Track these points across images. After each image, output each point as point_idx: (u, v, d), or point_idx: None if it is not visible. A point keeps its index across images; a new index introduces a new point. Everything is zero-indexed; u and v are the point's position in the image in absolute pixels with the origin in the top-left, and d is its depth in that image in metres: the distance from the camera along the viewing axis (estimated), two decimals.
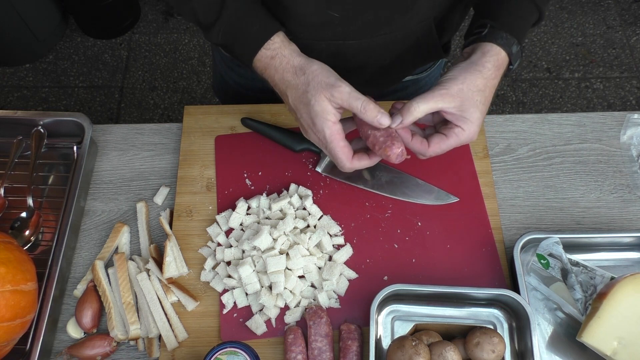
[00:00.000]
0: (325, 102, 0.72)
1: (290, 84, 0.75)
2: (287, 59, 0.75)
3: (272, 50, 0.76)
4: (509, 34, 0.76)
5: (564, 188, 0.93)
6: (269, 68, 0.76)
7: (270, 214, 0.87)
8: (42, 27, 2.35)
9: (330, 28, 0.81)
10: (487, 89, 0.75)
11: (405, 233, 0.88)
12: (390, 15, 0.80)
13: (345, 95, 0.71)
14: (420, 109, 0.72)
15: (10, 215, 0.91)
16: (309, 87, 0.73)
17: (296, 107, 0.76)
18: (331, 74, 0.73)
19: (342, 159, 0.75)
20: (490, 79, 0.75)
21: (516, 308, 0.78)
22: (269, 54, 0.76)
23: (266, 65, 0.77)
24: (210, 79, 2.38)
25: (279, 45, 0.76)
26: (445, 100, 0.72)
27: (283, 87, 0.76)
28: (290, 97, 0.76)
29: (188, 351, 0.80)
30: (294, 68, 0.75)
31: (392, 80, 1.03)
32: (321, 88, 0.72)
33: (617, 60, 2.38)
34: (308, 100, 0.73)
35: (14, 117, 0.96)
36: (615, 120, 1.00)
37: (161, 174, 0.97)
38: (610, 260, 0.85)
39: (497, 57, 0.76)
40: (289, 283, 0.80)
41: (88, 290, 0.84)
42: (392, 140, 0.73)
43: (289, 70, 0.75)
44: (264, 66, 0.77)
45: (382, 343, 0.78)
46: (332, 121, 0.73)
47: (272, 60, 0.76)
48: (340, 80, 0.72)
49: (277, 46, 0.76)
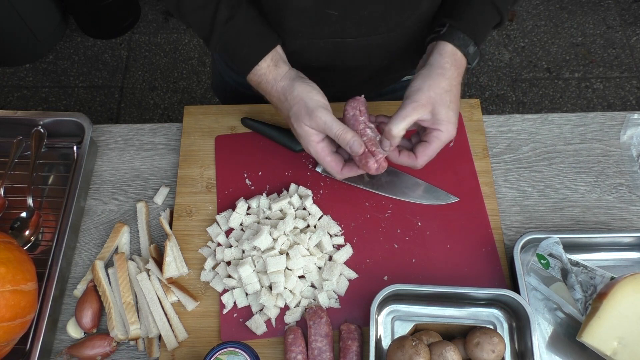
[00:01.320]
0: (306, 127, 0.78)
1: (277, 107, 0.83)
2: (271, 85, 0.81)
3: (258, 76, 0.82)
4: (466, 34, 0.79)
5: (564, 188, 0.93)
6: (259, 90, 0.84)
7: (270, 214, 0.87)
8: (42, 27, 2.35)
9: (328, 25, 0.82)
10: (452, 87, 0.78)
11: (405, 233, 0.88)
12: (386, 11, 0.80)
13: (322, 125, 0.77)
14: (399, 128, 0.76)
15: (10, 215, 0.91)
16: (291, 113, 0.79)
17: (288, 124, 0.83)
18: (310, 99, 0.78)
19: (332, 171, 0.82)
20: (452, 78, 0.78)
21: (516, 308, 0.78)
22: (255, 79, 0.82)
23: (256, 87, 0.84)
24: (210, 79, 2.38)
25: (265, 71, 0.81)
26: (418, 111, 0.76)
27: (274, 104, 0.84)
28: (282, 116, 0.83)
29: (188, 351, 0.80)
30: (277, 94, 0.81)
31: (391, 79, 1.03)
32: (300, 116, 0.78)
33: (617, 60, 2.38)
34: (292, 124, 0.80)
35: (14, 117, 0.96)
36: (615, 120, 1.00)
37: (161, 174, 0.97)
38: (610, 260, 0.85)
39: (454, 57, 0.79)
40: (289, 283, 0.80)
41: (88, 290, 0.84)
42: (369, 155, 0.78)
43: (274, 96, 0.82)
44: (255, 86, 0.84)
45: (382, 343, 0.78)
46: (316, 141, 0.80)
47: (259, 85, 0.83)
48: (318, 108, 0.77)
49: (263, 72, 0.81)
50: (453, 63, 0.78)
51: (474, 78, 2.36)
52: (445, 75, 0.77)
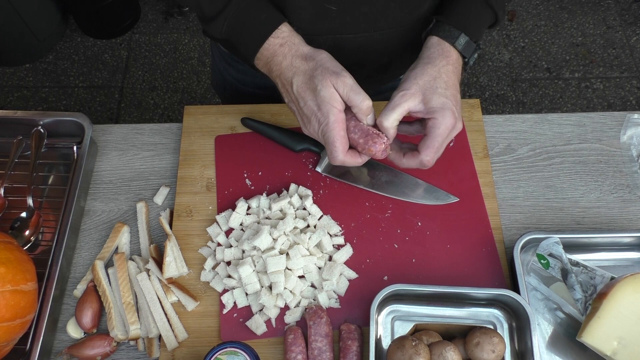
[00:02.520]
0: (332, 88, 0.73)
1: (298, 69, 0.75)
2: (297, 46, 0.76)
3: (281, 39, 0.76)
4: (452, 26, 0.79)
5: (564, 188, 0.93)
6: (277, 55, 0.77)
7: (270, 214, 0.87)
8: (42, 27, 2.35)
9: (328, 20, 0.82)
10: (441, 74, 0.76)
11: (405, 233, 0.88)
12: (385, 7, 0.80)
13: (348, 87, 0.72)
14: (391, 119, 0.74)
15: (10, 215, 0.91)
16: (316, 73, 0.73)
17: (300, 95, 0.75)
18: (338, 64, 0.75)
19: (338, 147, 0.75)
20: (441, 65, 0.77)
21: (516, 308, 0.78)
22: (277, 41, 0.76)
23: (273, 53, 0.77)
24: (210, 79, 2.38)
25: (288, 34, 0.77)
26: (408, 100, 0.74)
27: (290, 74, 0.76)
28: (296, 83, 0.76)
29: (188, 351, 0.80)
30: (302, 55, 0.75)
31: (391, 76, 1.04)
32: (328, 74, 0.73)
33: (617, 60, 2.38)
34: (315, 85, 0.73)
35: (14, 117, 0.96)
36: (615, 120, 1.00)
37: (161, 174, 0.97)
38: (610, 260, 0.85)
39: (440, 48, 0.78)
40: (289, 283, 0.80)
41: (88, 290, 0.84)
42: (375, 138, 0.75)
43: (298, 57, 0.76)
44: (271, 54, 0.77)
45: (382, 343, 0.78)
46: (338, 109, 0.74)
47: (281, 48, 0.76)
48: (345, 71, 0.74)
49: (286, 35, 0.77)
50: (440, 53, 0.78)
51: (474, 78, 2.36)
52: (431, 63, 0.77)
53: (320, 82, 0.73)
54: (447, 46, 0.79)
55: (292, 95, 0.77)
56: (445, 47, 0.79)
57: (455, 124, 0.76)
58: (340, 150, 0.75)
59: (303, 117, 0.77)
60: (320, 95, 0.73)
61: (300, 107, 0.76)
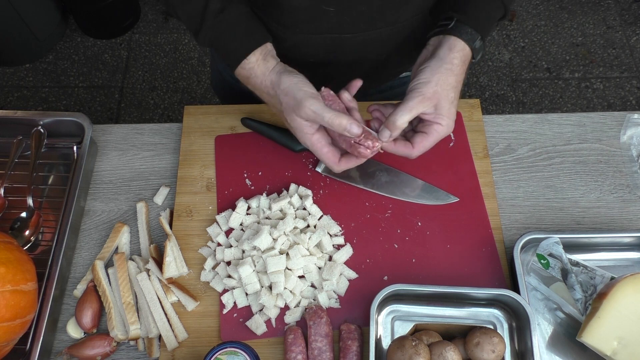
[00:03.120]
0: (298, 119, 0.76)
1: (268, 102, 0.82)
2: (260, 79, 0.80)
3: (247, 70, 0.80)
4: (473, 29, 0.79)
5: (564, 188, 0.93)
6: (249, 85, 0.83)
7: (270, 214, 0.87)
8: (42, 27, 2.35)
9: (325, 20, 0.82)
10: (458, 84, 0.78)
11: (405, 233, 0.88)
12: (383, 6, 0.80)
13: (312, 114, 0.75)
14: (404, 120, 0.75)
15: (10, 215, 0.91)
16: (282, 107, 0.78)
17: (282, 119, 0.81)
18: (298, 90, 0.76)
19: (329, 163, 0.80)
20: (459, 74, 0.78)
21: (516, 308, 0.78)
22: (244, 73, 0.81)
23: (246, 82, 0.82)
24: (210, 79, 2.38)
25: (253, 65, 0.80)
26: (424, 104, 0.75)
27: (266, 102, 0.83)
28: (274, 111, 0.82)
29: (188, 351, 0.80)
30: (266, 88, 0.80)
31: (389, 74, 1.03)
32: (290, 109, 0.77)
33: (617, 60, 2.38)
34: (285, 118, 0.79)
35: (14, 117, 0.96)
36: (615, 120, 1.00)
37: (161, 174, 0.97)
38: (610, 260, 0.85)
39: (462, 53, 0.78)
40: (289, 283, 0.80)
41: (88, 290, 0.84)
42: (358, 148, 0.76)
43: (264, 90, 0.80)
44: (244, 81, 0.83)
45: (382, 343, 0.78)
46: (310, 133, 0.78)
47: (249, 80, 0.81)
48: (306, 99, 0.74)
49: (251, 66, 0.80)
50: (461, 59, 0.78)
51: (474, 78, 2.36)
52: (453, 71, 0.77)
53: (288, 115, 0.78)
54: (468, 50, 0.79)
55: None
56: (466, 52, 0.78)
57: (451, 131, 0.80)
58: (332, 164, 0.80)
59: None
60: (291, 126, 0.79)
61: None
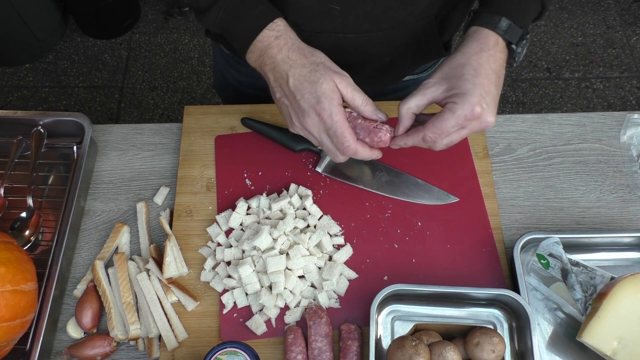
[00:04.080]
0: (333, 84, 0.71)
1: (295, 62, 0.73)
2: (293, 40, 0.74)
3: (276, 31, 0.74)
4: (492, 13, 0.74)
5: (564, 188, 0.93)
6: (271, 48, 0.74)
7: (270, 214, 0.87)
8: (42, 27, 2.35)
9: (330, 19, 0.82)
10: (470, 61, 0.71)
11: (405, 233, 0.88)
12: (388, 7, 0.80)
13: (351, 87, 0.71)
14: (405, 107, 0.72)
15: (10, 215, 0.91)
16: (319, 67, 0.71)
17: (297, 88, 0.72)
18: (336, 65, 0.74)
19: (348, 137, 0.71)
20: (472, 53, 0.71)
21: (516, 308, 0.78)
22: (273, 34, 0.74)
23: (268, 45, 0.74)
24: (210, 79, 2.38)
25: (284, 27, 0.75)
26: (430, 89, 0.72)
27: (285, 67, 0.73)
28: (293, 76, 0.72)
29: (188, 351, 0.80)
30: (300, 49, 0.73)
31: (392, 78, 1.03)
32: (331, 71, 0.71)
33: (617, 60, 2.38)
34: (316, 78, 0.71)
35: (14, 117, 0.96)
36: (615, 120, 1.00)
37: (161, 174, 0.97)
38: (610, 260, 0.85)
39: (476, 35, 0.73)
40: (289, 283, 0.80)
41: (88, 290, 0.84)
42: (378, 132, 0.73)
43: (295, 51, 0.73)
44: (265, 47, 0.74)
45: (382, 343, 0.78)
46: (338, 102, 0.71)
47: (277, 40, 0.74)
48: (345, 73, 0.73)
49: (282, 28, 0.75)
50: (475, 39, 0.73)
51: None
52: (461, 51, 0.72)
53: (323, 75, 0.71)
54: (485, 32, 0.73)
55: (286, 88, 0.74)
56: (481, 34, 0.73)
57: (479, 115, 0.68)
58: (352, 140, 0.72)
59: (298, 111, 0.74)
60: (321, 88, 0.70)
61: (297, 100, 0.72)
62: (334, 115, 0.70)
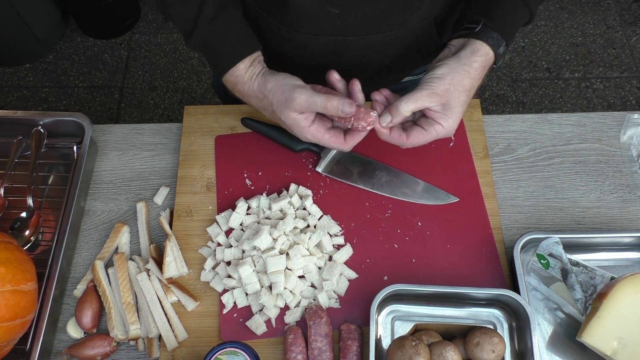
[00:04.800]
0: (293, 114, 0.77)
1: (258, 106, 0.82)
2: (248, 85, 0.81)
3: (234, 77, 0.81)
4: (499, 35, 0.77)
5: (564, 188, 0.93)
6: (236, 92, 0.84)
7: (270, 214, 0.87)
8: (42, 27, 2.35)
9: (330, 22, 0.82)
10: (472, 89, 0.77)
11: (405, 233, 0.88)
12: (388, 9, 0.80)
13: (304, 103, 0.75)
14: (408, 109, 0.74)
15: (10, 215, 0.91)
16: (274, 107, 0.78)
17: (276, 119, 0.81)
18: (285, 85, 0.77)
19: (336, 146, 0.80)
20: (476, 79, 0.77)
21: (516, 308, 0.78)
22: (232, 80, 0.82)
23: (232, 89, 0.84)
24: (210, 79, 2.38)
25: (242, 72, 0.81)
26: (432, 99, 0.74)
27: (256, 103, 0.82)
28: (266, 112, 0.82)
29: (188, 351, 0.80)
30: (254, 92, 0.80)
31: (392, 79, 1.03)
32: (281, 105, 0.77)
33: (617, 60, 2.38)
34: (278, 117, 0.79)
35: (14, 117, 0.96)
36: (615, 120, 1.00)
37: (161, 174, 0.97)
38: (610, 260, 0.85)
39: (485, 57, 0.77)
40: (289, 283, 0.80)
41: (88, 290, 0.84)
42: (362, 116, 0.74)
43: (252, 96, 0.81)
44: (231, 88, 0.84)
45: (382, 343, 0.78)
46: (307, 126, 0.78)
47: (236, 86, 0.82)
48: (294, 91, 0.75)
49: (240, 73, 0.81)
50: (482, 63, 0.77)
51: None
52: (470, 74, 0.76)
53: (281, 113, 0.77)
54: (491, 55, 0.77)
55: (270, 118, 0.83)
56: (489, 57, 0.77)
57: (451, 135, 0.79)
58: (339, 144, 0.79)
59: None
60: (287, 124, 0.79)
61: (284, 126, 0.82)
62: (311, 137, 0.79)
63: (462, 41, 0.79)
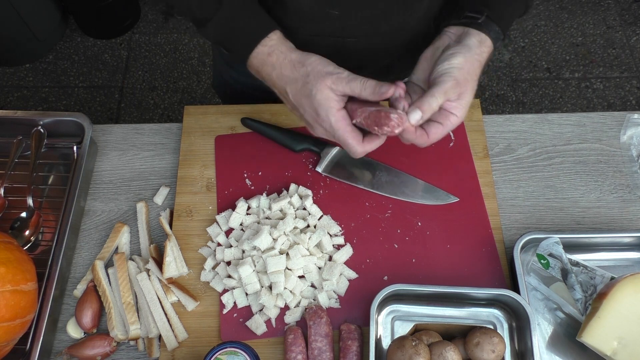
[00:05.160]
0: (327, 90, 0.71)
1: (289, 79, 0.75)
2: (285, 54, 0.75)
3: (269, 47, 0.75)
4: (499, 27, 0.76)
5: (564, 188, 0.93)
6: (266, 65, 0.76)
7: (270, 214, 0.87)
8: (42, 27, 2.35)
9: (329, 23, 0.82)
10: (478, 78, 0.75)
11: (405, 233, 0.88)
12: (387, 11, 0.80)
13: (344, 81, 0.71)
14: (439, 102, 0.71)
15: (10, 215, 0.91)
16: (309, 78, 0.72)
17: (298, 102, 0.75)
18: (329, 63, 0.73)
19: (352, 143, 0.73)
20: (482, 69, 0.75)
21: (516, 308, 0.78)
22: (266, 50, 0.75)
23: (262, 62, 0.76)
24: (210, 79, 2.38)
25: (276, 42, 0.75)
26: (455, 90, 0.71)
27: (282, 84, 0.75)
28: (291, 92, 0.75)
29: (188, 351, 0.80)
30: (291, 62, 0.74)
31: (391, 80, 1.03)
32: (321, 77, 0.71)
33: (617, 60, 2.38)
34: (309, 91, 0.72)
35: (14, 117, 0.96)
36: (615, 120, 1.00)
37: (161, 174, 0.97)
38: (610, 260, 0.85)
39: (489, 50, 0.76)
40: (289, 283, 0.80)
41: (88, 290, 0.84)
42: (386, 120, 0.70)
43: (287, 66, 0.74)
44: (260, 63, 0.76)
45: (382, 343, 0.78)
46: (336, 108, 0.72)
47: (269, 57, 0.75)
48: (338, 68, 0.72)
49: (274, 43, 0.75)
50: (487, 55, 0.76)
51: None
52: (481, 64, 0.75)
53: (314, 86, 0.71)
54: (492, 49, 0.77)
55: (290, 103, 0.76)
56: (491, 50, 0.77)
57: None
58: (355, 144, 0.73)
59: (306, 123, 0.77)
60: (316, 100, 0.72)
61: (302, 114, 0.76)
62: (334, 123, 0.72)
63: (462, 30, 0.77)
